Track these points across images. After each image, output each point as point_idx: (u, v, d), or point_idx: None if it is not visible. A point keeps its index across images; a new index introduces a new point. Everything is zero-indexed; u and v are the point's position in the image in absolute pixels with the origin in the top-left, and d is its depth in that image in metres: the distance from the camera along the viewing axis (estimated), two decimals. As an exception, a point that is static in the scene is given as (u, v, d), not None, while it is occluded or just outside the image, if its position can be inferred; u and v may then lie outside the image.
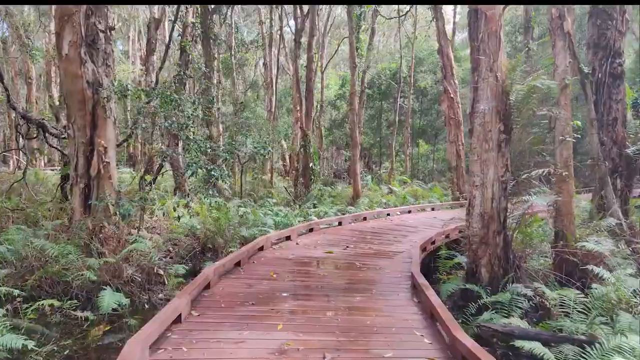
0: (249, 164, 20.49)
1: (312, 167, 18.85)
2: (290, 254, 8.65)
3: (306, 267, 7.72)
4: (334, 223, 12.35)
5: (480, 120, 7.38)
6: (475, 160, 7.45)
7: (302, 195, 18.71)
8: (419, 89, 31.94)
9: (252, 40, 32.90)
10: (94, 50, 10.33)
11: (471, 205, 7.54)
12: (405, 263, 8.24)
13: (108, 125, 10.47)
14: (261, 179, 20.59)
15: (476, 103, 7.47)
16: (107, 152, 10.45)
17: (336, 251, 9.03)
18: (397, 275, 7.39)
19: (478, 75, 7.46)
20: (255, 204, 18.02)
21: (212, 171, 9.24)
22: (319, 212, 15.42)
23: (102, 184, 10.31)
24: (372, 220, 13.51)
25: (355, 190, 18.68)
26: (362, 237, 10.69)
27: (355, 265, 7.94)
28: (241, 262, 7.59)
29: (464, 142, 18.53)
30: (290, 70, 38.03)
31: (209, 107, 11.66)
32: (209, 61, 17.81)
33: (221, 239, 10.52)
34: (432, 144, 35.74)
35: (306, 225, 11.03)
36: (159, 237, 11.82)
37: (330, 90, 37.97)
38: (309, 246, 9.47)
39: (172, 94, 9.31)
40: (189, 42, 15.59)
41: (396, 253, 9.08)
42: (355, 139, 19.26)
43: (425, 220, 13.98)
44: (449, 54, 18.41)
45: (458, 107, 18.37)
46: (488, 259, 7.36)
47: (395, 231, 11.81)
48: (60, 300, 7.41)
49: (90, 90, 10.06)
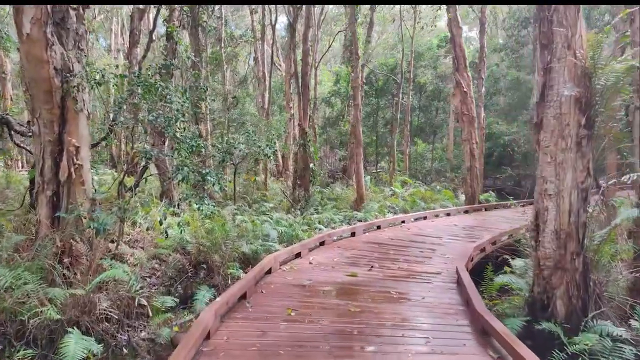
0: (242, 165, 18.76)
1: (312, 168, 17.18)
2: (305, 278, 6.97)
3: (330, 299, 6.05)
4: (345, 233, 10.69)
5: (554, 112, 5.77)
6: (548, 162, 5.84)
7: (301, 199, 17.03)
8: (418, 85, 30.43)
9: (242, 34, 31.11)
10: (63, 30, 8.56)
11: (541, 219, 5.93)
12: (450, 290, 6.63)
13: (80, 121, 8.70)
14: (255, 180, 18.84)
15: (548, 90, 5.87)
16: (79, 153, 8.69)
17: (360, 273, 7.38)
18: (450, 311, 5.75)
19: (551, 53, 5.85)
20: (250, 209, 16.33)
21: (207, 175, 7.52)
22: (322, 219, 13.76)
23: (73, 190, 8.56)
24: (387, 229, 11.90)
25: (359, 193, 17.04)
26: (384, 253, 9.05)
27: (391, 296, 6.29)
28: (247, 293, 5.91)
29: (477, 141, 17.00)
30: (282, 67, 36.29)
31: (199, 101, 9.89)
32: (198, 50, 16.03)
33: (217, 256, 8.79)
34: (431, 142, 34.26)
35: (317, 238, 9.36)
36: (142, 252, 10.09)
37: (324, 87, 36.31)
38: (325, 266, 7.80)
39: (157, 82, 7.55)
40: (176, 28, 13.79)
41: (432, 275, 7.45)
42: (359, 137, 17.62)
43: (444, 228, 12.41)
44: (461, 44, 16.87)
45: (471, 102, 16.84)
46: (565, 289, 5.77)
47: (418, 243, 10.20)
48: (10, 347, 5.67)
49: (58, 78, 8.28)
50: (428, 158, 33.28)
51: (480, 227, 12.59)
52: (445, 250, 9.46)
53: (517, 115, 27.83)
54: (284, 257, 7.80)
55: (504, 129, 25.84)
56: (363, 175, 17.56)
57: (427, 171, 31.92)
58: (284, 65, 34.05)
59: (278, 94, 33.28)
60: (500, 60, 31.50)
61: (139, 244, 10.48)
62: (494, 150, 26.07)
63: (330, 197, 19.12)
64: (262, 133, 18.53)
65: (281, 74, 35.54)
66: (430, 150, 33.45)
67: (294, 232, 10.77)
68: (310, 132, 17.67)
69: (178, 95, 7.68)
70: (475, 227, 12.71)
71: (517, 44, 29.98)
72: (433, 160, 32.45)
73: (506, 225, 13.15)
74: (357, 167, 17.16)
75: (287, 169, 26.46)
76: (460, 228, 12.42)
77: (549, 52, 5.86)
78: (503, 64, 32.25)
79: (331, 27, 41.16)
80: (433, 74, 30.23)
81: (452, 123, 27.90)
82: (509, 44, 31.00)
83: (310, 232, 11.56)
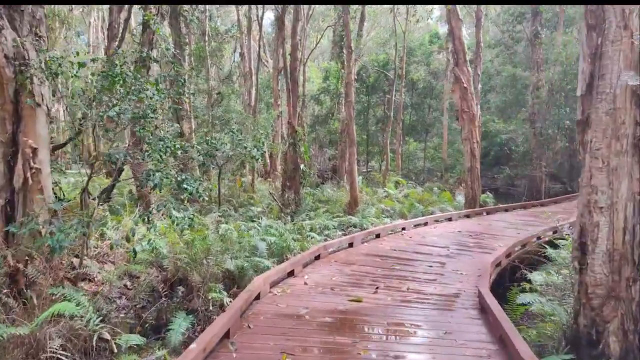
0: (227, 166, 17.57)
1: (302, 169, 16.06)
2: (301, 306, 5.85)
3: (334, 336, 4.94)
4: (342, 243, 9.58)
5: (606, 107, 4.73)
6: (599, 168, 4.79)
7: (291, 203, 15.90)
8: (410, 82, 29.45)
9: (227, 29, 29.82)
10: (16, 12, 7.40)
11: (590, 237, 4.88)
12: (474, 320, 5.56)
13: (38, 118, 7.52)
14: (241, 185, 17.65)
15: (598, 80, 4.82)
16: (36, 155, 7.52)
17: (365, 297, 6.28)
18: (482, 352, 4.66)
19: (602, 35, 4.79)
20: (237, 213, 15.16)
21: (183, 183, 6.36)
22: (315, 225, 12.64)
23: (29, 199, 7.41)
24: (387, 237, 10.82)
25: (353, 195, 15.95)
26: (389, 268, 7.97)
27: (407, 330, 5.20)
28: (231, 330, 4.78)
29: (478, 140, 16.02)
30: (269, 63, 35.06)
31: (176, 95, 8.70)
32: (180, 43, 14.80)
33: (197, 275, 7.63)
34: (423, 141, 33.34)
35: (312, 252, 8.23)
36: (112, 267, 8.91)
37: (312, 85, 35.18)
38: (323, 287, 6.69)
39: (124, 72, 6.36)
40: (154, 16, 12.53)
41: (450, 299, 6.38)
42: (352, 135, 16.54)
43: (449, 235, 11.38)
44: (461, 37, 15.86)
45: (472, 99, 15.84)
46: (620, 322, 4.73)
47: (424, 255, 9.14)
48: None
49: (10, 69, 7.12)
50: (420, 157, 32.37)
51: (486, 235, 11.59)
52: (457, 264, 8.41)
53: (513, 113, 27.03)
54: (274, 277, 6.67)
55: (500, 127, 24.98)
56: (357, 177, 16.48)
57: (419, 171, 31.00)
58: (271, 61, 32.86)
59: (265, 91, 32.04)
60: (494, 56, 30.68)
61: (110, 257, 9.29)
62: (490, 149, 25.24)
63: (322, 200, 18.02)
64: (249, 132, 17.39)
65: (268, 70, 34.33)
66: (422, 149, 32.54)
67: (284, 244, 9.63)
68: (300, 131, 16.55)
69: (148, 87, 6.48)
70: (481, 234, 11.71)
71: (511, 40, 29.16)
72: (425, 159, 31.55)
73: (512, 231, 12.19)
74: (351, 168, 16.08)
75: (275, 169, 25.31)
76: (465, 235, 11.41)
77: (598, 34, 4.81)
78: (497, 60, 31.45)
79: (319, 23, 40.08)
80: (426, 70, 29.26)
81: (446, 121, 26.97)
82: (504, 40, 30.18)
83: (302, 241, 10.44)
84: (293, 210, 15.24)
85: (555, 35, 24.12)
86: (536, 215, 15.59)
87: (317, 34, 37.88)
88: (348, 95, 16.55)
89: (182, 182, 6.40)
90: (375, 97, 30.45)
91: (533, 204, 18.25)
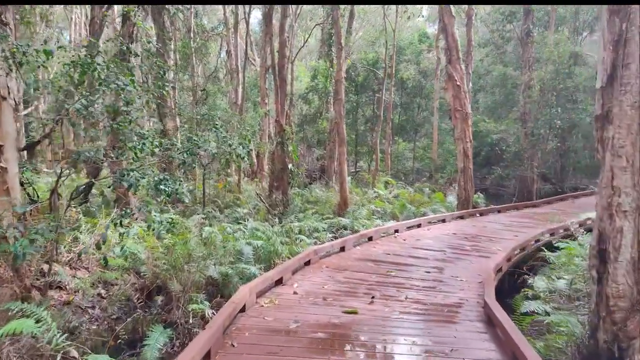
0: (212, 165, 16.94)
1: (291, 169, 15.52)
2: (290, 318, 5.31)
3: (328, 356, 4.41)
4: (334, 247, 9.04)
5: (631, 99, 4.26)
6: (623, 167, 4.32)
7: (278, 204, 15.34)
8: (400, 81, 29.02)
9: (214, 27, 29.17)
10: (-24, -3, 6.79)
11: (611, 244, 4.42)
12: (481, 334, 5.06)
13: (3, 113, 6.91)
14: (225, 186, 17.05)
15: (622, 69, 4.35)
16: (2, 153, 6.95)
17: (361, 308, 5.75)
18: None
19: (627, 21, 4.33)
20: (222, 214, 14.57)
21: (160, 184, 5.78)
22: (304, 228, 12.10)
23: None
24: (380, 240, 10.31)
25: (343, 196, 15.44)
26: (384, 275, 7.46)
27: (408, 347, 4.69)
28: (212, 350, 4.23)
29: (472, 139, 15.61)
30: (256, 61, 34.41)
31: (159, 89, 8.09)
32: (163, 36, 14.16)
33: (177, 284, 7.03)
34: (412, 140, 32.94)
35: (301, 257, 7.67)
36: (86, 274, 8.31)
37: (300, 84, 34.62)
38: (315, 297, 6.15)
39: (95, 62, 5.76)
40: (134, 8, 11.90)
41: (452, 309, 5.88)
42: (342, 134, 16.04)
43: (444, 238, 10.92)
44: (454, 33, 15.43)
45: (465, 97, 15.42)
46: (646, 339, 4.27)
47: (420, 259, 8.65)
48: None
49: (-31, 58, 6.51)
50: (409, 157, 31.95)
51: (483, 237, 11.16)
52: (455, 269, 7.92)
53: (503, 113, 26.73)
54: (261, 286, 6.11)
55: (491, 127, 24.65)
56: (347, 177, 15.97)
57: (408, 171, 30.59)
58: (258, 59, 32.23)
59: (252, 90, 31.39)
60: (484, 56, 30.39)
61: (84, 263, 8.66)
62: (481, 149, 24.90)
63: (310, 201, 17.48)
64: (235, 130, 16.80)
65: (255, 68, 33.69)
66: (411, 149, 32.13)
67: (272, 248, 9.07)
68: (288, 129, 16.00)
69: (121, 77, 5.88)
70: (477, 236, 11.27)
71: (501, 39, 28.87)
72: (414, 160, 31.14)
73: (509, 233, 11.78)
74: (341, 168, 15.57)
75: (262, 169, 24.69)
76: (461, 238, 10.96)
77: (622, 19, 4.34)
78: (486, 60, 31.18)
79: (307, 22, 39.55)
80: (415, 69, 28.86)
81: (436, 121, 26.59)
82: (493, 40, 29.90)
83: (291, 245, 9.91)
84: (281, 212, 14.70)
85: (547, 34, 23.85)
86: (530, 216, 15.23)
87: (304, 33, 37.35)
88: (338, 93, 16.04)
89: (159, 183, 5.81)
90: (365, 97, 29.98)
91: (526, 204, 17.91)
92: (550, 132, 21.17)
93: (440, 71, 26.57)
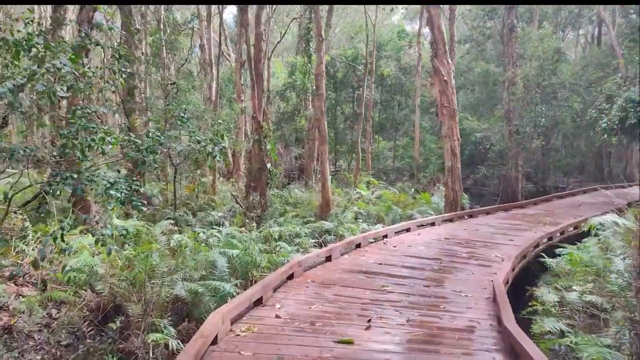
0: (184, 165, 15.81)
1: (269, 169, 14.51)
2: (271, 352, 4.34)
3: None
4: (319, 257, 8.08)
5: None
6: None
7: (256, 206, 14.32)
8: (380, 78, 28.23)
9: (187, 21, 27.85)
10: None
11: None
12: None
13: None
14: (195, 190, 15.94)
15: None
16: None
17: (356, 335, 4.82)
18: None
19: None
20: (195, 218, 13.48)
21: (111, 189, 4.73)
22: (285, 233, 11.12)
23: None
24: (369, 247, 9.41)
25: (325, 198, 14.51)
26: (378, 290, 6.55)
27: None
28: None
29: (459, 137, 14.86)
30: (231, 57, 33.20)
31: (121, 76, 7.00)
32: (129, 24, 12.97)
33: (138, 305, 5.98)
34: (392, 139, 32.20)
35: (283, 271, 6.66)
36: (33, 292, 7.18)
37: (277, 80, 33.54)
38: (300, 322, 5.18)
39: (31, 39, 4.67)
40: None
41: (463, 334, 5.00)
42: (324, 132, 15.13)
43: (436, 243, 10.09)
44: (440, 25, 14.64)
45: (452, 93, 14.65)
46: None
47: (416, 270, 7.77)
48: None
49: None
50: (389, 156, 31.22)
51: (477, 242, 10.38)
52: (457, 282, 7.07)
53: (486, 111, 26.22)
54: (237, 310, 5.12)
55: (475, 125, 24.07)
56: (329, 177, 15.04)
57: (388, 170, 29.85)
58: (233, 55, 31.04)
59: (227, 86, 30.15)
60: (465, 53, 29.88)
61: (32, 278, 7.52)
62: (465, 148, 24.28)
63: (290, 202, 16.49)
64: (209, 127, 15.71)
65: (230, 64, 32.46)
66: (391, 148, 31.40)
67: (249, 258, 8.07)
68: (266, 126, 14.97)
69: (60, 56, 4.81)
70: (470, 241, 10.49)
71: (482, 36, 28.43)
72: (395, 158, 30.41)
73: (503, 238, 11.06)
74: (323, 168, 14.64)
75: (238, 168, 23.54)
76: (454, 243, 10.15)
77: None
78: (467, 57, 30.70)
79: (283, 17, 38.55)
80: (396, 65, 28.11)
81: (417, 119, 25.87)
82: (473, 36, 29.43)
83: (270, 254, 8.91)
84: (259, 215, 13.69)
85: (530, 30, 23.37)
86: (519, 218, 14.58)
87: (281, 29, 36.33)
88: (319, 88, 15.10)
89: (109, 188, 4.76)
90: (344, 94, 29.13)
91: (513, 205, 17.28)
92: (534, 130, 20.67)
93: (422, 67, 25.89)
